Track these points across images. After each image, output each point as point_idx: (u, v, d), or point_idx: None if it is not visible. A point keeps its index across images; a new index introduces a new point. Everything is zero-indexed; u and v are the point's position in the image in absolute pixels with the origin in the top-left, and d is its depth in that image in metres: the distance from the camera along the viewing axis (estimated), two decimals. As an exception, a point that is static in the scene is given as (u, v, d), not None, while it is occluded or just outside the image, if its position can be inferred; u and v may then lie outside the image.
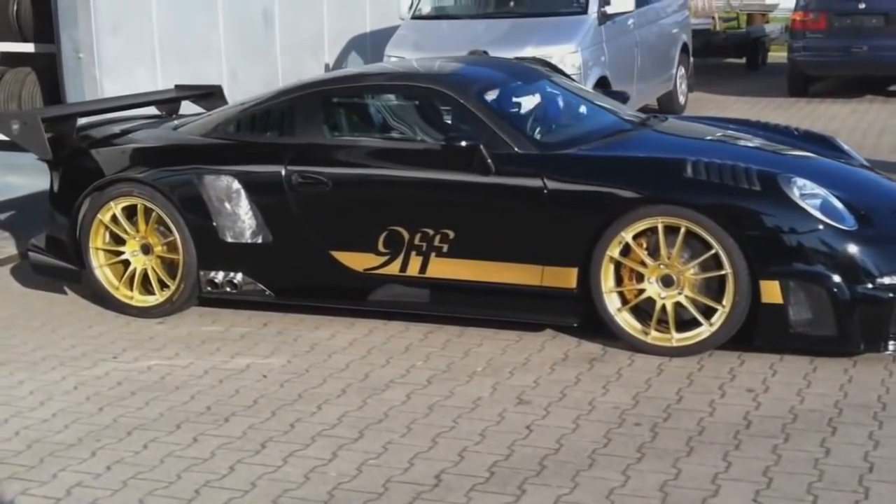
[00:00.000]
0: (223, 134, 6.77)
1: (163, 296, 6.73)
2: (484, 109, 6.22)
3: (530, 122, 6.39)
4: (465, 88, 6.37)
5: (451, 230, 6.09)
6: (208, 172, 6.56)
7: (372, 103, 6.78)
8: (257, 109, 6.81)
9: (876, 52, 14.48)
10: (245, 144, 6.69)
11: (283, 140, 6.61)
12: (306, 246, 6.42)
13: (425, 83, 6.54)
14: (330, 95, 6.72)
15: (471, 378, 5.61)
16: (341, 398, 5.42)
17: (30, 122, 6.97)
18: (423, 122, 6.52)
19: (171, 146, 6.89)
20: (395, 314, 6.51)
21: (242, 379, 5.74)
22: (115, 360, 6.11)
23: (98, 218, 6.76)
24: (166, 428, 5.15)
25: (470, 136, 6.02)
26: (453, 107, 6.35)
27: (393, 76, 6.91)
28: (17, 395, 5.64)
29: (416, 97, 6.62)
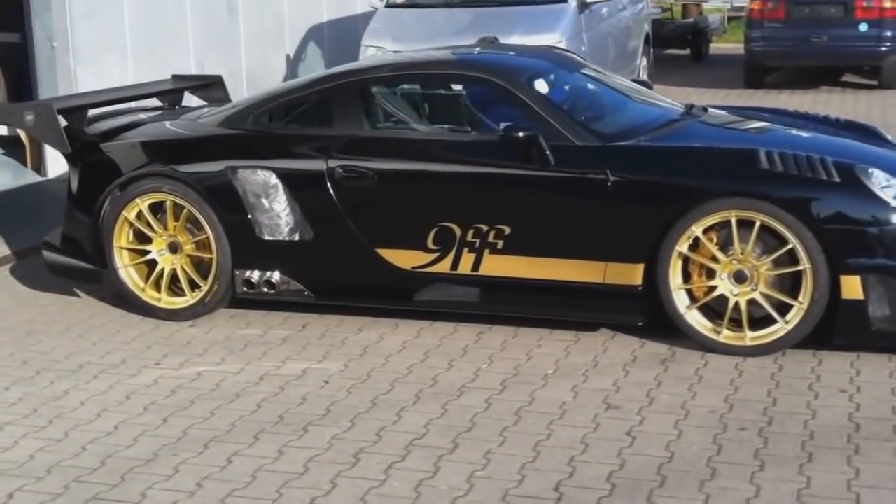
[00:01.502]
0: (257, 126, 6.47)
1: (194, 297, 6.44)
2: (537, 99, 6.04)
3: (583, 112, 6.21)
4: (515, 77, 6.17)
5: (506, 226, 5.90)
6: (243, 167, 6.27)
7: (416, 93, 6.54)
8: (292, 100, 6.52)
9: (835, 42, 14.60)
10: (283, 137, 6.40)
11: (323, 132, 6.33)
12: (350, 243, 6.18)
13: (472, 72, 6.34)
14: (371, 85, 6.47)
15: (545, 381, 5.45)
16: (418, 405, 5.21)
17: (45, 113, 6.61)
18: (472, 113, 6.30)
19: (199, 139, 6.58)
20: (437, 314, 6.31)
21: (304, 385, 5.51)
22: (158, 367, 5.83)
23: (123, 215, 6.45)
24: (244, 439, 4.90)
25: (527, 126, 5.83)
26: (504, 96, 6.13)
27: (437, 65, 6.66)
28: (68, 406, 5.34)
29: (463, 87, 6.38)
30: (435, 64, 6.68)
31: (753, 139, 6.10)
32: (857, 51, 14.82)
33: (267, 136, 6.42)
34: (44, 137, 6.75)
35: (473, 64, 6.52)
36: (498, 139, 5.92)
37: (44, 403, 5.39)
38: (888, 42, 14.67)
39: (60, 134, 6.54)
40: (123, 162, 6.55)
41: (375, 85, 6.49)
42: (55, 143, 6.66)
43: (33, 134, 6.79)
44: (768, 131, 6.40)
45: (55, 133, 6.56)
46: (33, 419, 5.21)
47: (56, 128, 6.54)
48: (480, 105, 6.31)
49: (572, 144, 5.85)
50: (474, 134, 6.17)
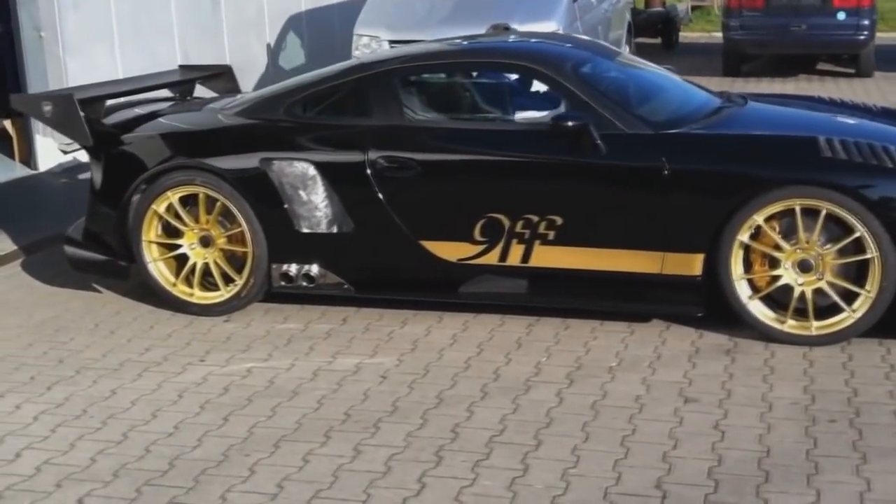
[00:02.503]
0: (291, 116, 6.24)
1: (228, 291, 6.22)
2: (584, 87, 5.89)
3: (630, 100, 6.07)
4: (560, 65, 6.02)
5: (558, 216, 5.75)
6: (280, 158, 6.05)
7: (458, 81, 6.37)
8: (326, 89, 6.31)
9: (814, 31, 14.62)
10: (320, 127, 6.19)
11: (363, 122, 6.13)
12: (392, 235, 5.99)
13: (516, 60, 6.17)
14: (411, 73, 6.28)
15: (612, 374, 5.31)
16: (487, 400, 5.06)
17: (64, 103, 6.34)
18: (518, 102, 6.14)
19: (231, 130, 6.34)
20: (479, 306, 6.16)
21: (361, 381, 5.32)
22: (203, 364, 5.62)
23: (152, 208, 6.20)
24: (315, 438, 4.72)
25: (575, 116, 5.68)
26: (550, 85, 5.98)
27: (479, 53, 6.50)
28: (119, 406, 5.12)
29: (503, 75, 6.22)
30: (478, 52, 6.52)
31: (808, 126, 6.00)
32: (836, 39, 14.86)
33: (303, 127, 6.21)
34: (63, 129, 6.48)
35: (517, 52, 6.36)
36: (546, 128, 5.76)
37: (92, 404, 5.16)
38: (866, 31, 14.74)
39: (82, 125, 6.28)
40: (150, 154, 6.31)
41: (416, 73, 6.31)
42: (76, 135, 6.40)
43: (51, 125, 6.51)
44: (817, 118, 6.30)
45: (76, 124, 6.30)
46: (85, 420, 4.98)
47: (77, 119, 6.28)
48: (526, 94, 6.15)
49: (623, 133, 5.71)
50: (522, 123, 6.01)
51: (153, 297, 6.49)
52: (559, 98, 5.92)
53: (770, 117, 6.30)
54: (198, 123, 6.52)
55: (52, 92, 6.76)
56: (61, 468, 4.51)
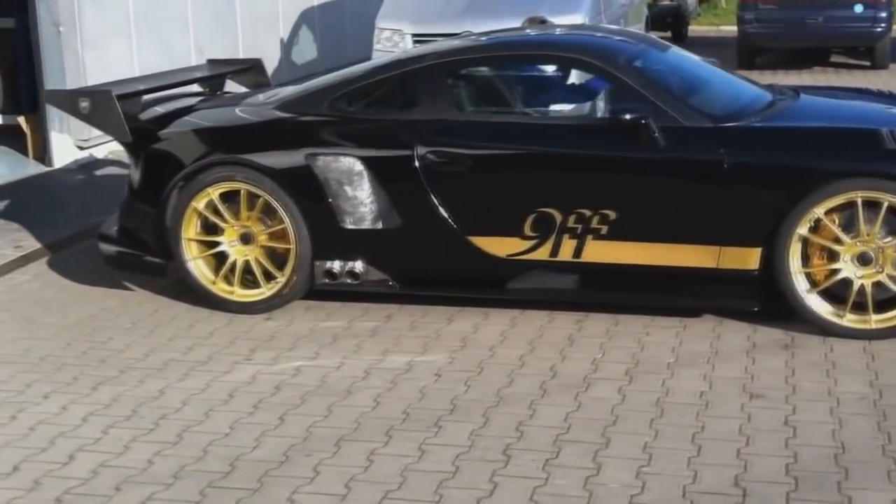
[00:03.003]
0: (335, 111, 6.12)
1: (270, 289, 6.10)
2: (641, 80, 5.79)
3: (686, 92, 5.95)
4: (614, 58, 5.92)
5: (612, 210, 5.64)
6: (324, 153, 5.93)
7: (508, 75, 6.25)
8: (372, 83, 6.20)
9: (830, 24, 14.56)
10: (366, 122, 6.08)
11: (411, 116, 6.01)
12: (440, 231, 5.88)
13: (569, 53, 6.06)
14: (460, 67, 6.17)
15: (672, 371, 5.21)
16: (548, 398, 4.95)
17: (102, 99, 6.21)
18: (571, 95, 6.04)
19: (272, 125, 6.22)
20: (523, 302, 6.05)
21: (416, 379, 5.22)
22: (250, 363, 5.50)
23: (192, 205, 6.08)
24: (376, 437, 4.61)
25: (633, 108, 5.57)
26: (605, 78, 5.88)
27: (531, 46, 6.39)
28: (169, 407, 5.00)
29: (557, 68, 6.10)
30: (529, 45, 6.40)
31: (866, 118, 5.92)
32: (853, 32, 14.81)
33: (349, 122, 6.10)
34: (101, 125, 6.36)
35: (570, 45, 6.24)
36: (602, 122, 5.66)
37: (141, 404, 5.04)
38: (883, 23, 14.73)
39: (121, 121, 6.16)
40: (189, 150, 6.18)
41: (465, 67, 6.20)
42: (115, 132, 6.28)
43: (88, 121, 6.38)
44: (873, 110, 6.21)
45: (115, 121, 6.17)
46: (137, 421, 4.87)
47: (116, 115, 6.16)
48: (579, 87, 6.05)
49: (681, 126, 5.61)
50: (575, 116, 5.91)
51: (189, 295, 6.38)
52: (613, 91, 5.80)
53: (826, 109, 6.22)
54: (238, 119, 6.39)
55: (90, 88, 6.62)
56: (119, 470, 4.40)
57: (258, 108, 6.40)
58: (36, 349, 5.77)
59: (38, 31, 9.46)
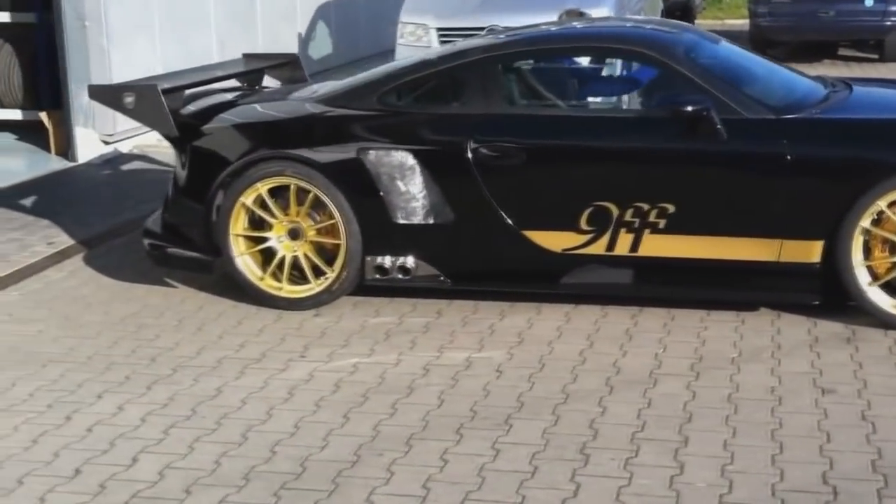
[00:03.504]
0: (385, 105, 6.03)
1: (319, 285, 6.01)
2: (700, 72, 5.70)
3: (745, 84, 5.86)
4: (672, 50, 5.83)
5: (670, 204, 5.56)
6: (376, 148, 5.84)
7: (563, 67, 6.16)
8: (422, 77, 6.10)
9: (842, 17, 14.54)
10: (418, 116, 5.99)
11: (464, 110, 5.93)
12: (493, 225, 5.79)
13: (625, 45, 5.98)
14: (513, 60, 6.08)
15: (736, 366, 5.14)
16: (616, 395, 4.87)
17: (148, 94, 6.10)
18: (627, 88, 5.94)
19: (323, 119, 6.11)
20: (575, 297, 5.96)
21: (477, 376, 5.13)
22: (306, 360, 5.41)
23: (241, 201, 5.98)
24: (447, 436, 4.52)
25: (697, 100, 5.48)
26: (663, 70, 5.79)
27: (585, 38, 6.28)
28: (229, 405, 4.91)
29: (611, 60, 6.01)
30: (585, 38, 6.29)
31: None
32: (864, 25, 14.79)
33: (400, 116, 6.01)
34: (146, 120, 6.25)
35: (627, 38, 6.15)
36: (662, 114, 5.57)
37: (200, 403, 4.95)
38: (893, 17, 14.75)
39: (167, 116, 6.05)
40: (237, 145, 6.08)
41: (518, 60, 6.11)
42: (161, 126, 6.17)
43: (133, 117, 6.27)
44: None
45: (161, 115, 6.07)
46: (198, 421, 4.77)
47: (162, 110, 6.05)
48: (634, 79, 5.95)
49: (743, 118, 5.53)
50: (633, 109, 5.82)
51: (232, 292, 6.28)
52: (671, 83, 5.71)
53: (883, 101, 6.15)
54: (285, 113, 6.30)
55: (135, 83, 6.51)
56: (186, 472, 4.30)
57: (304, 103, 6.31)
58: (81, 347, 5.67)
59: (62, 26, 9.33)
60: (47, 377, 5.30)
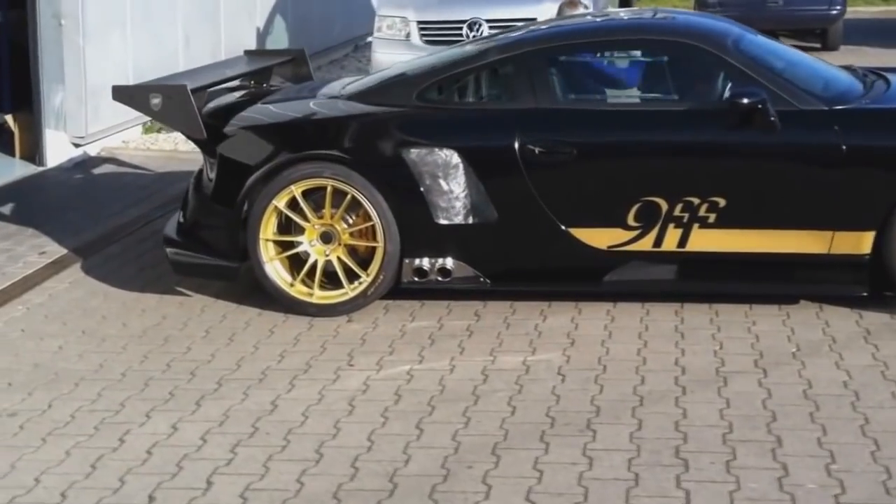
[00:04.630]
0: (425, 102, 5.85)
1: (353, 289, 5.81)
2: (751, 64, 5.64)
3: (794, 75, 5.78)
4: (721, 41, 5.76)
5: (721, 198, 5.49)
6: (418, 146, 5.66)
7: (609, 60, 6.03)
8: (463, 72, 5.94)
9: (790, 6, 14.72)
10: (461, 112, 5.85)
11: (510, 105, 5.78)
12: (539, 223, 5.66)
13: (673, 37, 5.89)
14: (559, 53, 5.94)
15: (800, 361, 5.10)
16: (691, 395, 4.78)
17: (177, 95, 5.84)
18: (678, 80, 5.84)
19: (359, 118, 5.92)
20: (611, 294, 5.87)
21: (539, 380, 5.01)
22: (355, 369, 5.23)
23: (273, 204, 5.75)
24: (532, 444, 4.39)
25: (752, 92, 5.41)
26: (712, 62, 5.69)
27: (632, 30, 6.18)
28: (291, 420, 4.71)
29: (660, 53, 5.91)
30: (629, 30, 6.19)
31: None
32: (811, 14, 15.04)
33: (442, 112, 5.85)
34: (173, 122, 6.01)
35: (672, 29, 6.05)
36: (715, 107, 5.51)
37: (259, 418, 4.73)
38: (838, 5, 15.03)
39: (196, 118, 5.81)
40: (269, 145, 5.87)
41: (563, 53, 5.96)
42: (189, 129, 5.92)
43: (160, 119, 6.00)
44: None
45: (189, 117, 5.82)
46: (263, 437, 4.56)
47: (191, 111, 5.81)
48: (684, 71, 5.85)
49: (796, 109, 5.48)
50: (685, 102, 5.71)
51: (252, 299, 6.08)
52: (721, 75, 5.63)
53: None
54: (319, 112, 6.09)
55: (163, 82, 6.22)
56: (270, 494, 4.10)
57: (336, 101, 6.12)
58: (111, 364, 5.41)
59: (37, 25, 8.95)
60: (84, 396, 5.04)
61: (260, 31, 12.47)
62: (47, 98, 9.09)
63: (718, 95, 5.57)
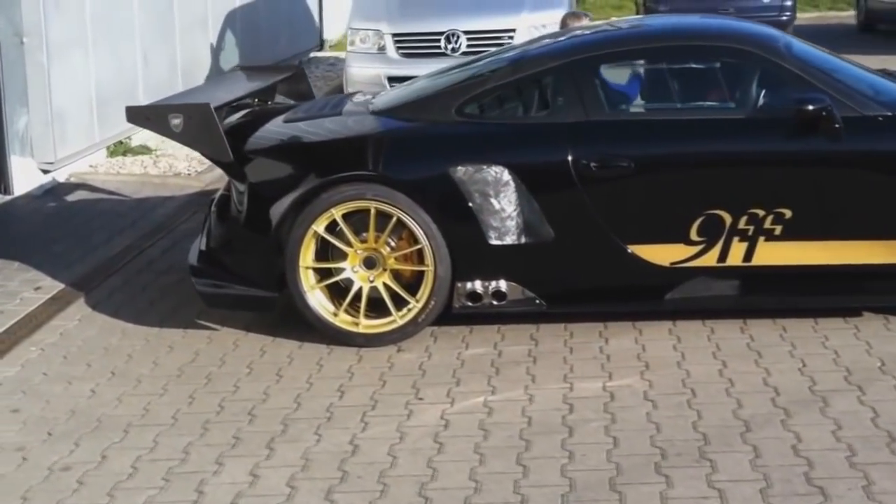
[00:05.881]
0: (467, 118, 5.57)
1: (402, 317, 5.50)
2: (806, 69, 5.48)
3: (846, 79, 5.62)
4: (776, 46, 5.58)
5: (787, 209, 5.31)
6: (467, 164, 5.38)
7: (665, 68, 5.80)
8: (504, 84, 5.67)
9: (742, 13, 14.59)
10: (509, 127, 5.59)
11: (561, 118, 5.52)
12: (597, 241, 5.42)
13: (725, 42, 5.69)
14: (610, 61, 5.71)
15: (890, 375, 4.96)
16: (796, 418, 4.58)
17: (200, 115, 5.47)
18: (733, 87, 5.64)
19: (398, 135, 5.62)
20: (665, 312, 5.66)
21: (629, 407, 4.78)
22: (426, 403, 4.94)
23: (312, 229, 5.42)
24: (650, 478, 4.17)
25: (816, 98, 5.24)
26: (770, 69, 5.51)
27: (680, 36, 5.97)
28: (379, 461, 4.41)
29: (713, 59, 5.70)
30: (681, 36, 5.98)
31: None
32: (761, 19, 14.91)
33: (487, 127, 5.58)
34: (195, 144, 5.62)
35: (725, 34, 5.85)
36: (777, 114, 5.34)
37: (342, 461, 4.42)
38: (788, 11, 15.14)
39: (221, 139, 5.45)
40: (304, 167, 5.54)
41: (613, 61, 5.73)
42: (213, 151, 5.55)
43: (182, 140, 5.61)
44: None
45: (214, 139, 5.45)
46: (356, 482, 4.25)
47: (216, 132, 5.44)
48: (740, 78, 5.65)
49: (860, 115, 5.33)
50: (745, 110, 5.52)
51: (284, 330, 5.77)
52: (777, 81, 5.44)
53: None
54: (354, 129, 5.76)
55: (183, 102, 5.82)
56: (388, 545, 3.78)
57: (368, 118, 5.79)
58: (157, 407, 5.03)
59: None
60: (139, 444, 4.66)
61: (213, 47, 12.06)
62: (11, 122, 8.58)
63: (779, 102, 5.40)
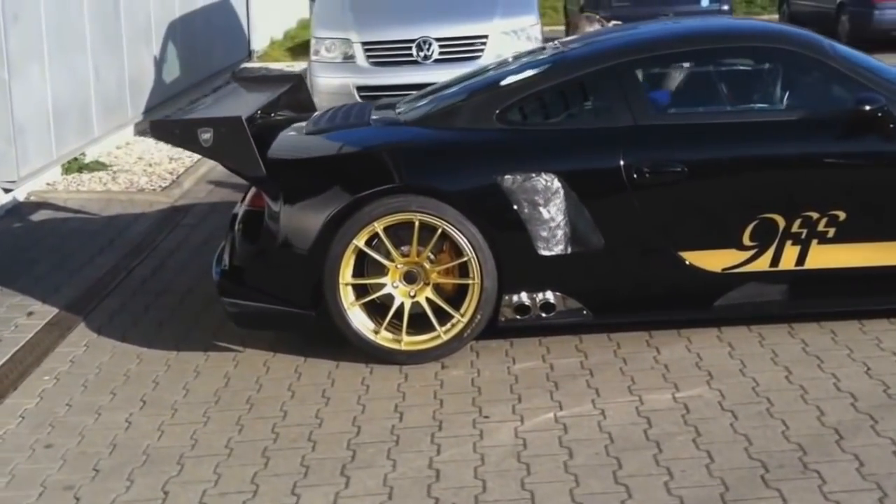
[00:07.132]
0: (510, 125, 5.38)
1: (446, 333, 5.29)
2: (855, 69, 5.41)
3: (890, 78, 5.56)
4: (821, 46, 5.50)
5: (841, 211, 5.23)
6: (514, 172, 5.19)
7: (707, 70, 5.67)
8: (546, 89, 5.48)
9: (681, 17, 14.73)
10: (555, 134, 5.40)
11: (608, 123, 5.35)
12: (648, 249, 5.28)
13: (771, 43, 5.60)
14: (652, 64, 5.57)
15: (966, 378, 4.85)
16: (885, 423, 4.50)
17: (231, 129, 5.18)
18: (784, 89, 5.54)
19: (439, 145, 5.40)
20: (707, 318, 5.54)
21: (710, 419, 4.63)
22: (492, 421, 4.75)
23: (353, 244, 5.18)
24: (759, 492, 4.04)
25: (873, 98, 5.17)
26: (817, 69, 5.44)
27: (724, 37, 5.84)
28: (468, 484, 4.22)
29: (762, 60, 5.60)
30: (728, 37, 5.86)
31: None
32: (699, 24, 15.11)
33: (531, 134, 5.40)
34: (226, 159, 5.30)
35: (771, 35, 5.77)
36: (831, 115, 5.26)
37: (427, 486, 4.21)
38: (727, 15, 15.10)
39: (254, 153, 5.16)
40: (339, 180, 5.29)
41: (658, 64, 5.60)
42: (245, 166, 5.24)
43: (210, 155, 5.30)
44: None
45: (246, 153, 5.15)
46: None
47: (248, 146, 5.15)
48: (791, 79, 5.56)
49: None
50: (797, 111, 5.41)
51: (312, 349, 5.54)
52: (825, 80, 5.36)
53: None
54: (390, 140, 5.53)
55: (213, 116, 5.49)
56: (509, 575, 3.56)
57: (401, 128, 5.56)
58: (205, 436, 4.75)
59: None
60: (199, 477, 4.38)
61: (157, 60, 11.69)
62: (-29, 140, 8.18)
63: (834, 103, 5.31)
